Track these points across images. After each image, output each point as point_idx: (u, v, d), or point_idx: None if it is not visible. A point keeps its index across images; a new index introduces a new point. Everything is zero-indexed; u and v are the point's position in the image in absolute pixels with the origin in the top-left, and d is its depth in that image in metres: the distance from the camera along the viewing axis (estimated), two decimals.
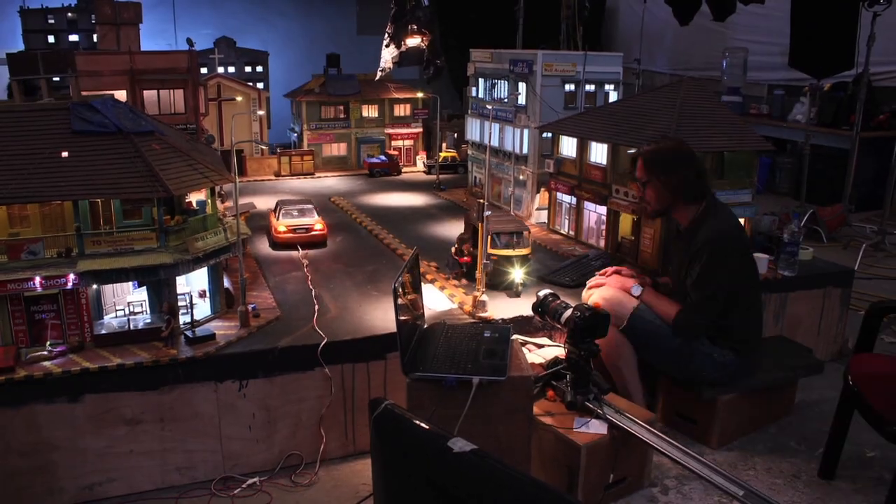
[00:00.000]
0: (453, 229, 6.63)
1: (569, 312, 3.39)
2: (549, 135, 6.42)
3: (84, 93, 6.09)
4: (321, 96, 9.92)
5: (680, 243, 3.78)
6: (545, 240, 6.12)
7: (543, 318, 3.62)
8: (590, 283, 4.03)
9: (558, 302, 3.54)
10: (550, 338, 4.11)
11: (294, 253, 5.57)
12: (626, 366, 3.72)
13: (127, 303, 3.87)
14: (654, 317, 3.68)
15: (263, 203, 7.89)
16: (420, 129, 10.51)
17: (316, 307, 4.28)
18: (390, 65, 9.67)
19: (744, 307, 3.65)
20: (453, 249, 4.78)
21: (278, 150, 9.86)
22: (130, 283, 3.88)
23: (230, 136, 8.69)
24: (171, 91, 6.88)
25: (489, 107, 6.71)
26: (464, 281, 4.72)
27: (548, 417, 3.33)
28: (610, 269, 4.03)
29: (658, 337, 3.64)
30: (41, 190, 3.46)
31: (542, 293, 3.63)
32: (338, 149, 10.93)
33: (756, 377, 3.84)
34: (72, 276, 3.51)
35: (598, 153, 5.74)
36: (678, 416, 3.92)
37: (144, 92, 6.70)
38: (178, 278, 3.82)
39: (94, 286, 3.67)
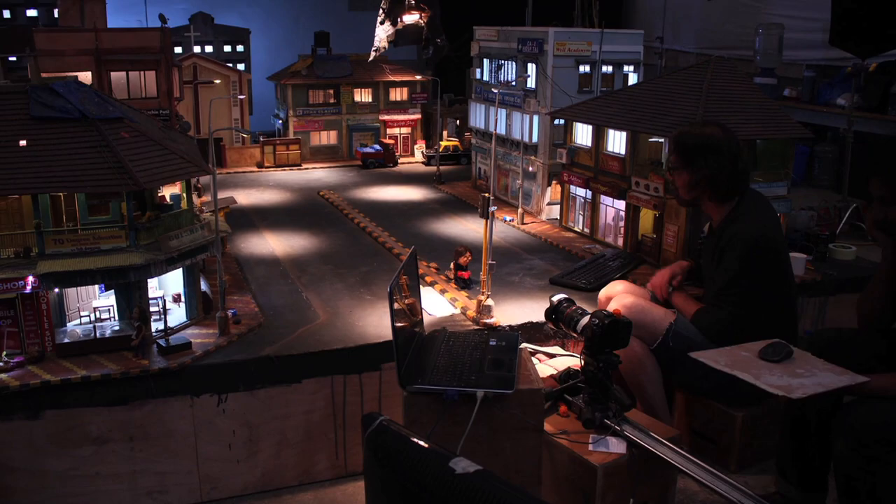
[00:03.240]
0: (455, 226, 6.62)
1: (586, 320, 3.40)
2: (562, 121, 6.42)
3: (44, 74, 6.10)
4: (309, 79, 9.93)
5: (711, 243, 3.78)
6: (557, 238, 6.14)
7: (557, 326, 3.63)
8: (606, 291, 4.01)
9: (574, 308, 3.55)
10: (563, 346, 4.12)
11: (279, 253, 5.58)
12: (650, 380, 3.72)
13: (93, 308, 3.87)
14: (695, 333, 3.64)
15: (245, 197, 7.90)
16: (418, 116, 10.52)
17: (304, 313, 4.29)
18: (385, 44, 9.67)
19: (775, 313, 3.65)
20: (452, 265, 4.81)
21: (261, 139, 9.88)
22: (96, 287, 3.89)
23: (208, 123, 8.71)
24: (142, 73, 6.88)
25: (495, 91, 6.71)
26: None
27: (560, 435, 3.32)
28: (661, 276, 3.92)
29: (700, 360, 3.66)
30: None
31: (555, 298, 3.64)
32: (327, 137, 10.94)
33: None
34: (31, 279, 3.51)
35: (616, 142, 5.74)
36: (695, 434, 3.92)
37: (112, 74, 6.70)
38: (149, 281, 3.82)
39: (56, 290, 3.67)
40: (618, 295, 3.86)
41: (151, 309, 3.80)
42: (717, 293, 3.61)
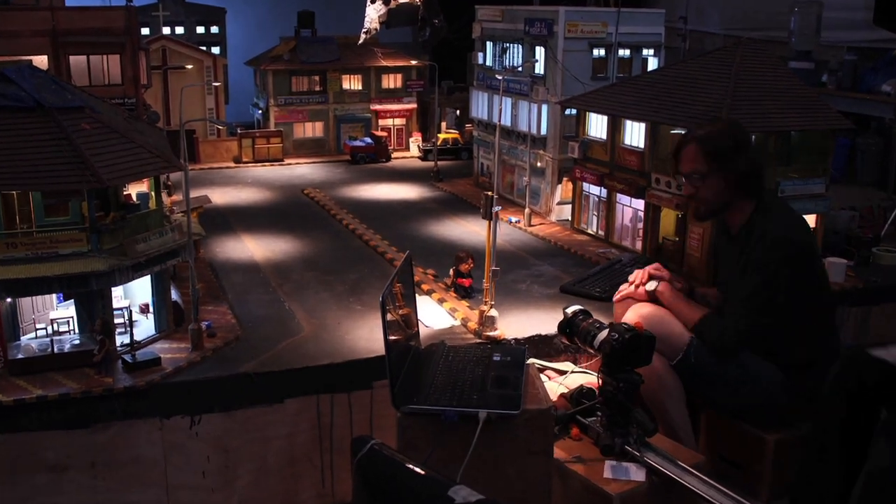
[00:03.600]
0: (455, 229, 6.65)
1: (604, 334, 3.41)
2: (574, 111, 6.44)
3: None
4: (291, 64, 9.95)
5: (732, 249, 3.80)
6: (568, 241, 6.16)
7: (572, 341, 3.64)
8: (618, 294, 4.01)
9: (590, 321, 3.55)
10: (575, 362, 4.16)
11: (258, 258, 5.60)
12: (673, 401, 3.72)
13: (50, 320, 3.89)
14: None
15: (220, 196, 7.94)
16: (414, 105, 10.55)
17: (286, 325, 4.31)
18: (377, 25, 9.69)
19: (809, 324, 3.68)
20: (452, 272, 4.82)
21: (239, 131, 9.91)
22: (54, 296, 3.90)
23: (178, 113, 8.72)
24: (105, 57, 6.89)
25: (499, 77, 6.73)
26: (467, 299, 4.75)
27: (573, 461, 3.35)
28: (640, 274, 3.98)
29: (728, 375, 3.62)
30: None
31: (570, 309, 3.64)
32: (312, 129, 10.98)
33: None
34: None
35: (634, 134, 5.76)
36: (721, 460, 3.92)
37: (71, 58, 6.71)
38: (114, 289, 3.83)
39: (9, 299, 3.68)
40: (636, 304, 3.85)
41: (116, 321, 3.81)
42: (742, 301, 3.63)
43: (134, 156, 3.85)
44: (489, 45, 7.72)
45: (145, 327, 4.04)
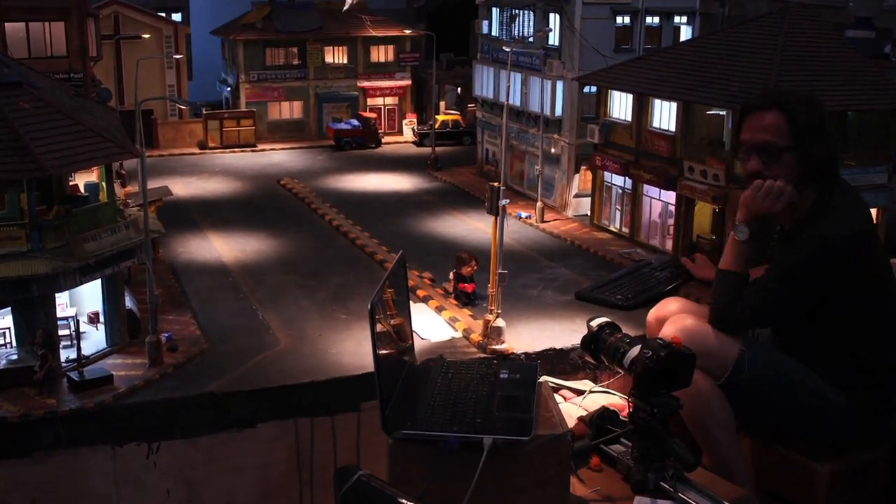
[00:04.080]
0: (456, 225, 6.65)
1: (635, 351, 3.32)
2: (594, 89, 6.41)
3: None
4: (265, 34, 9.93)
5: (786, 250, 3.70)
6: (587, 240, 6.15)
7: (598, 359, 3.55)
8: (656, 311, 3.92)
9: (619, 336, 3.48)
10: (595, 380, 4.10)
11: (227, 259, 5.59)
12: (721, 428, 3.61)
13: None
14: (776, 363, 3.61)
15: (183, 187, 7.95)
16: (408, 82, 10.53)
17: (259, 337, 4.30)
18: None
19: (874, 339, 3.60)
20: (451, 275, 4.78)
21: (204, 112, 9.89)
22: None
23: (134, 90, 8.72)
24: (47, 24, 6.89)
25: (507, 49, 6.70)
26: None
27: (592, 495, 3.26)
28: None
29: (785, 394, 3.54)
30: None
31: (595, 322, 3.57)
32: (290, 110, 10.97)
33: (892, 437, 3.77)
34: None
35: (665, 115, 5.75)
36: (767, 494, 3.82)
37: (6, 25, 6.71)
38: (58, 296, 3.82)
39: None
40: (674, 317, 3.75)
41: (61, 332, 3.80)
42: (773, 278, 3.56)
43: (81, 140, 3.84)
44: (495, 11, 7.72)
45: (95, 340, 4.03)
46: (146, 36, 8.69)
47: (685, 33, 8.34)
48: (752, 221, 3.58)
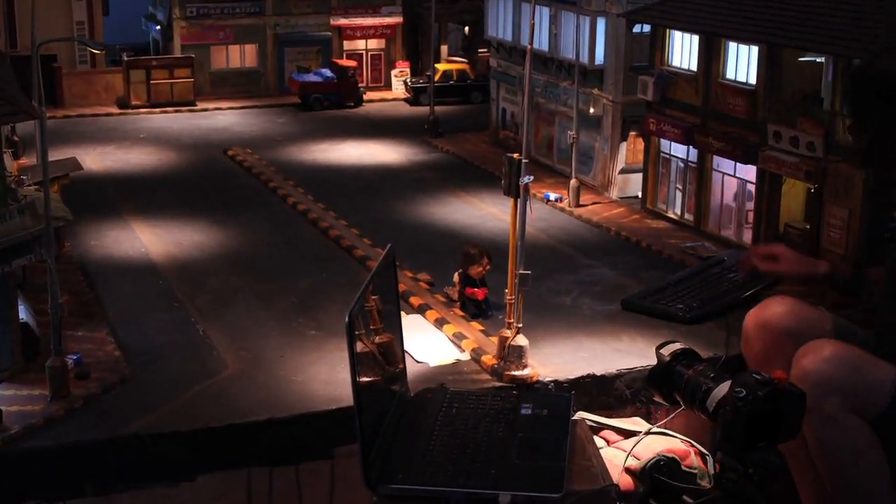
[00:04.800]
0: (462, 210, 6.45)
1: (723, 389, 3.27)
2: (647, 28, 6.12)
3: None
4: None
5: None
6: (637, 230, 5.89)
7: (671, 399, 3.52)
8: (756, 317, 3.84)
9: (699, 368, 3.43)
10: (649, 418, 4.10)
11: (156, 255, 5.32)
12: (875, 480, 3.52)
13: None
14: None
15: (97, 159, 7.84)
16: (398, 20, 10.34)
17: (200, 359, 4.02)
18: None
19: None
20: (456, 277, 4.58)
21: (125, 59, 9.66)
22: None
23: (30, 29, 8.45)
24: None
25: None
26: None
27: None
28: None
29: None
30: None
31: (667, 350, 3.53)
32: (240, 56, 10.81)
33: None
34: None
35: (742, 64, 5.46)
36: None
37: None
38: None
39: None
40: (809, 345, 3.61)
41: None
42: None
43: None
44: None
45: None
46: None
47: None
48: None
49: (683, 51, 7.15)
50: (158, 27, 10.93)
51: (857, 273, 3.91)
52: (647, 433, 3.89)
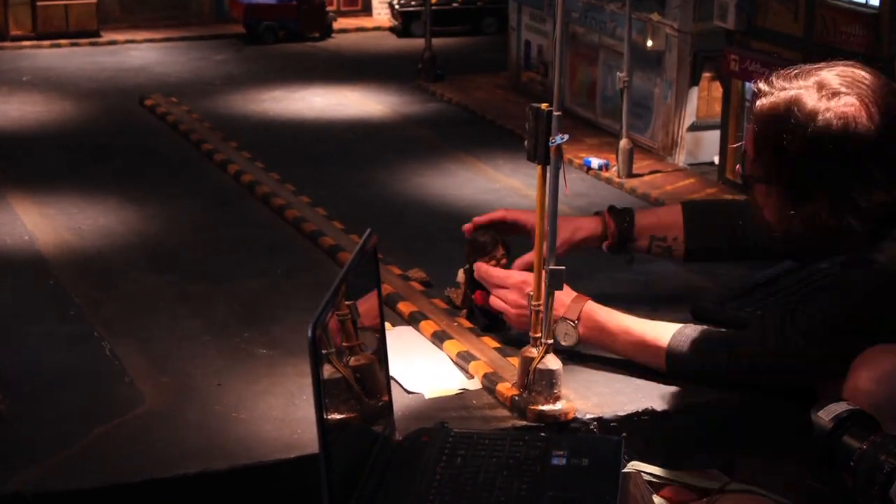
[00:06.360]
0: (468, 182, 6.72)
1: None
2: None
3: None
4: None
5: None
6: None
7: (837, 477, 3.50)
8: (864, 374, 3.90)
9: (877, 441, 3.39)
10: (730, 470, 4.19)
11: (44, 244, 5.93)
12: None
13: None
14: None
15: None
16: None
17: (106, 387, 4.49)
18: None
19: None
20: (461, 275, 5.08)
21: None
22: None
23: None
24: None
25: None
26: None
27: None
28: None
29: None
30: None
31: (828, 413, 3.49)
32: None
33: None
34: None
35: None
36: None
37: None
38: None
39: None
40: (866, 354, 3.81)
41: None
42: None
43: None
44: None
45: None
46: None
47: None
48: None
49: None
50: None
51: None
52: (722, 489, 3.94)
